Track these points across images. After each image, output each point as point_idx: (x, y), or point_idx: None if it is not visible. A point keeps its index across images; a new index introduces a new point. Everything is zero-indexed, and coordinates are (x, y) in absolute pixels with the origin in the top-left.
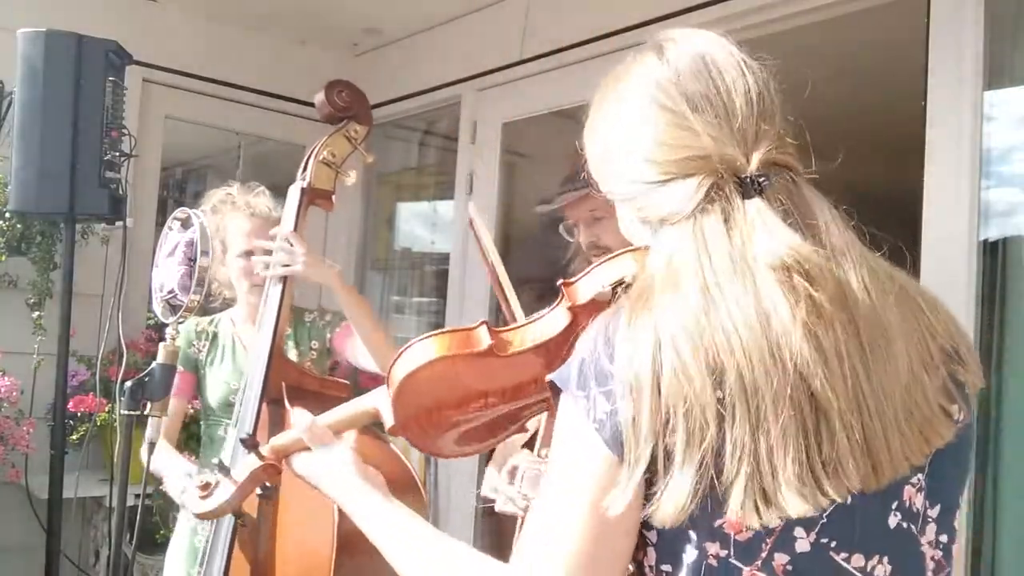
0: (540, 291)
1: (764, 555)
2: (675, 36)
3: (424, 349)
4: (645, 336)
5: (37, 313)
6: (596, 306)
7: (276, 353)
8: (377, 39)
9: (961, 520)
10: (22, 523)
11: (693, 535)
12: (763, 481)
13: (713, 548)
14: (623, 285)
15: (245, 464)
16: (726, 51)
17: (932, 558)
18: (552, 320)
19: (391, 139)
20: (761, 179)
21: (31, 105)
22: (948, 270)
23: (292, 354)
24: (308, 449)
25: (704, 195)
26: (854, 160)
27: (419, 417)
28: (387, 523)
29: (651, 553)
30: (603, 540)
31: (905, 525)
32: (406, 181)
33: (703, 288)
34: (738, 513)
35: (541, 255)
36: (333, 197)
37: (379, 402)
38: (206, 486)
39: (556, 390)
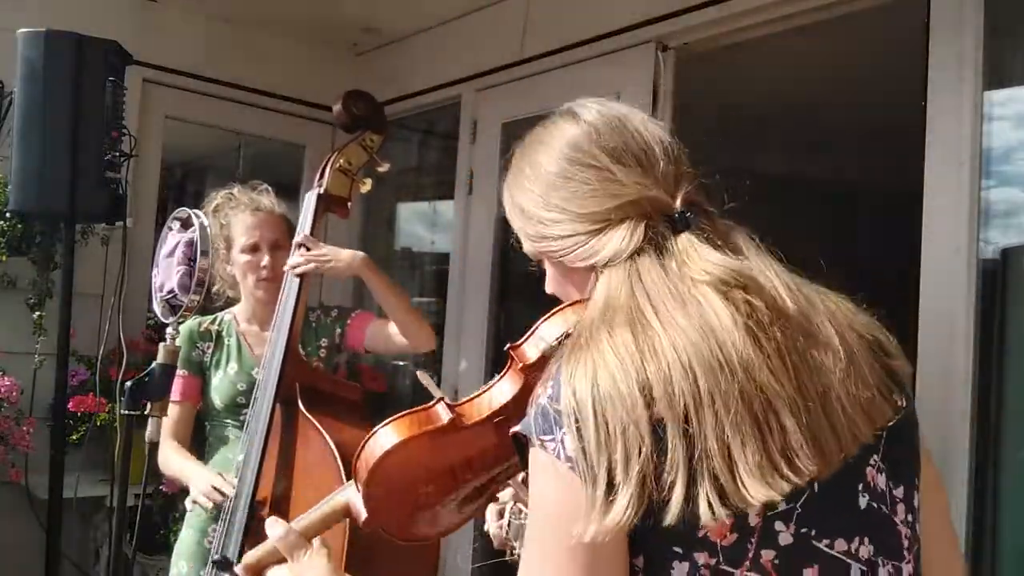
0: (541, 291)
1: (751, 554)
2: (586, 103)
3: (386, 436)
4: (583, 370)
5: (37, 313)
6: (545, 363)
7: (291, 354)
8: (377, 39)
9: (954, 516)
10: (22, 523)
11: (679, 550)
12: (718, 479)
13: (702, 558)
14: (567, 336)
15: None
16: (633, 111)
17: (905, 535)
18: (505, 385)
19: (391, 139)
20: (688, 215)
21: (31, 105)
22: (948, 270)
23: (300, 354)
24: (282, 561)
25: (642, 235)
26: (854, 160)
27: (391, 504)
28: None
29: None
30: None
31: (876, 505)
32: (406, 181)
33: (638, 318)
34: (699, 515)
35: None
36: (349, 204)
37: (350, 497)
38: None
39: (521, 444)
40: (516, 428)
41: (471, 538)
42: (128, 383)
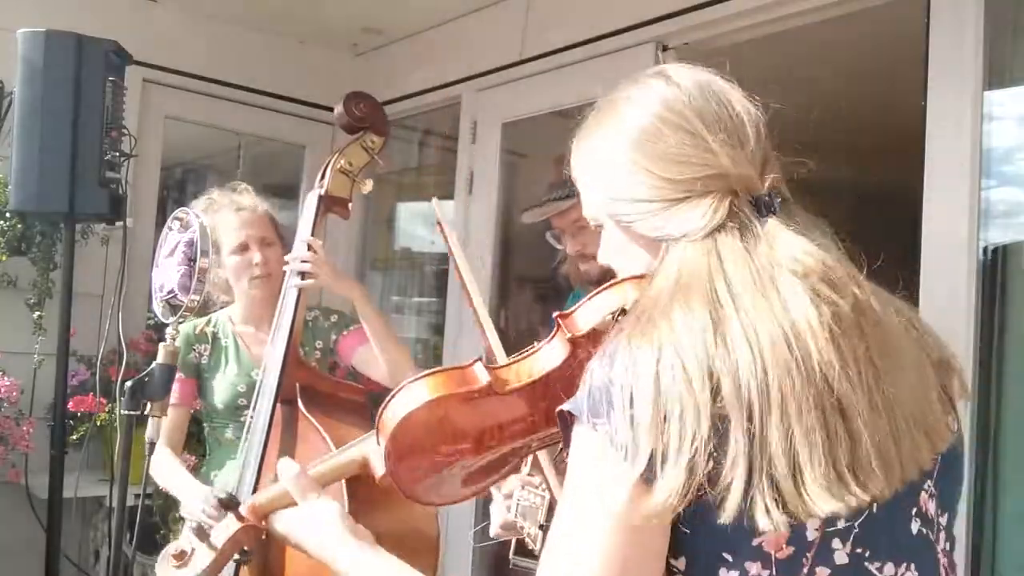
0: (541, 291)
1: (806, 570)
2: (676, 67)
3: (418, 391)
4: (647, 347)
5: (37, 313)
6: (596, 336)
7: (291, 356)
8: (377, 39)
9: (958, 526)
10: (22, 523)
11: (729, 557)
12: (779, 484)
13: (754, 568)
14: (623, 312)
15: (223, 528)
16: (727, 83)
17: (943, 564)
18: (550, 353)
19: (391, 139)
20: (775, 199)
21: (31, 105)
22: (948, 270)
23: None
24: (291, 504)
25: (725, 213)
26: (854, 160)
27: (412, 464)
28: None
29: None
30: (633, 567)
31: (924, 531)
32: (406, 181)
33: (715, 301)
34: (737, 516)
35: (540, 254)
36: (349, 205)
37: (368, 450)
38: (181, 555)
39: (567, 422)
40: (565, 406)
41: (475, 519)
42: (128, 383)
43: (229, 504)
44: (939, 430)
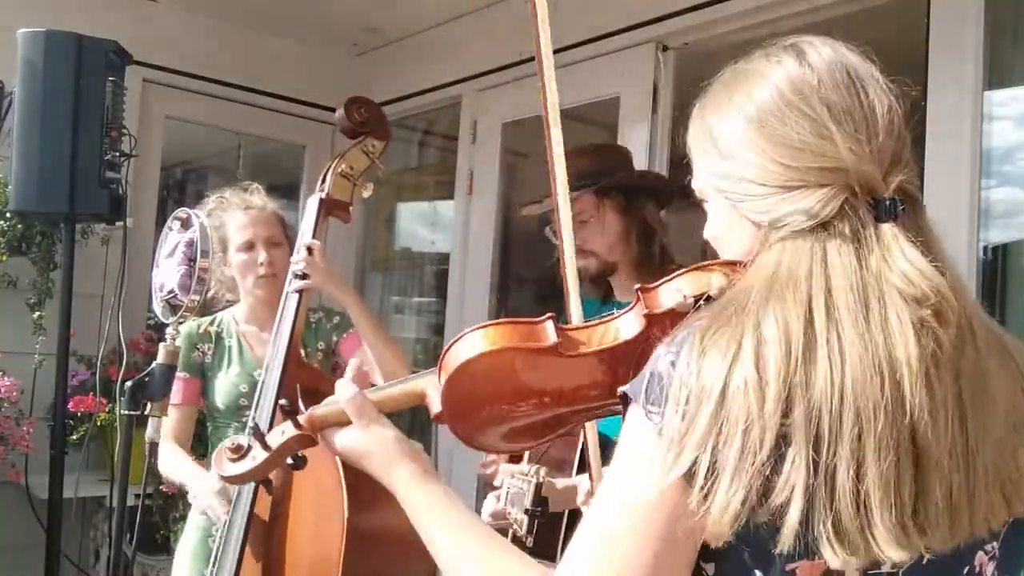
0: (540, 290)
1: None
2: (815, 42)
3: (483, 337)
4: (721, 348)
5: (37, 313)
6: (673, 316)
7: (293, 357)
8: (377, 39)
9: None
10: (22, 523)
11: (760, 574)
12: (842, 522)
13: None
14: (706, 298)
15: (280, 431)
16: (867, 67)
17: None
18: (624, 324)
19: (392, 140)
20: (898, 204)
21: (31, 105)
22: None
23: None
24: (348, 423)
25: (837, 209)
26: None
27: (468, 408)
28: (438, 511)
29: None
30: (661, 565)
31: None
32: (406, 181)
33: (808, 312)
34: (819, 552)
35: (540, 254)
36: (351, 208)
37: (429, 385)
38: (238, 448)
39: (626, 402)
40: (624, 388)
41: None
42: (128, 383)
43: (290, 411)
44: (1020, 489)
